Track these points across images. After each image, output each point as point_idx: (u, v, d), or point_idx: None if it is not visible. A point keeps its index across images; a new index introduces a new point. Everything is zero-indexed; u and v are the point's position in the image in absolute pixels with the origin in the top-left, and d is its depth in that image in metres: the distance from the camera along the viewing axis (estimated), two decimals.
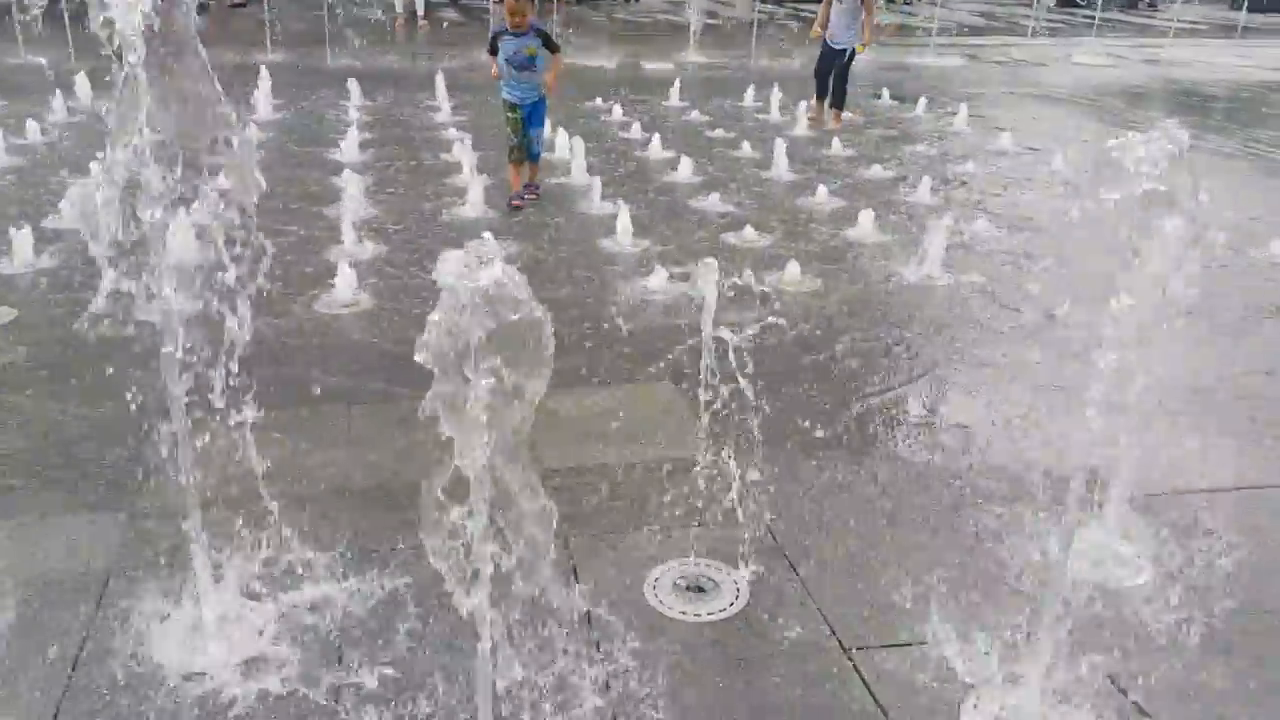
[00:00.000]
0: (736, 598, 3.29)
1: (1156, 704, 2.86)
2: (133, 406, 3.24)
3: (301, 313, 5.49)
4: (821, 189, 8.00)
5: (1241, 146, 10.91)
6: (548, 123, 7.60)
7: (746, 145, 9.57)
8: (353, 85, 11.21)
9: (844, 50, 10.45)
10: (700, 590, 3.32)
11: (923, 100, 11.81)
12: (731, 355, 5.10)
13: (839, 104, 10.71)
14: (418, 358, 2.02)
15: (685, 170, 8.53)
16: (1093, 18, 19.29)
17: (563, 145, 8.78)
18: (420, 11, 18.29)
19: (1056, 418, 4.47)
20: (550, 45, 7.27)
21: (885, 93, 12.36)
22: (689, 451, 4.20)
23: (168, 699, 2.79)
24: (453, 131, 9.68)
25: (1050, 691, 2.83)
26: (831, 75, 10.66)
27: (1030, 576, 3.35)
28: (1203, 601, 3.26)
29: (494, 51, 7.22)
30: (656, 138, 9.38)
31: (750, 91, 12.02)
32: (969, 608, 3.21)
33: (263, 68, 10.86)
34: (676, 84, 11.91)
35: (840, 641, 3.10)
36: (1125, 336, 2.52)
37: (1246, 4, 21.52)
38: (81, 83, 10.33)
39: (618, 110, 10.84)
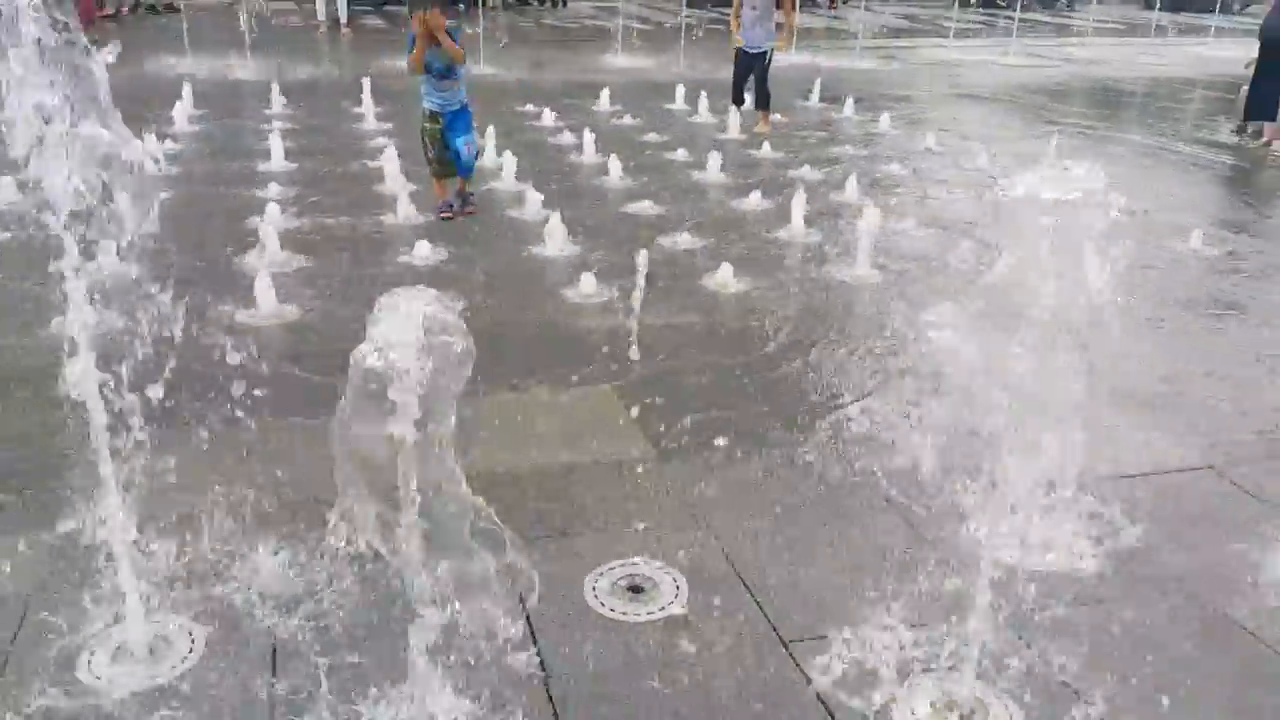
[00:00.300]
0: (676, 596, 3.29)
1: (1083, 684, 2.92)
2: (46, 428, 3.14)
3: (225, 326, 5.36)
4: (754, 191, 8.06)
5: (1155, 141, 11.25)
6: (475, 131, 7.44)
7: (679, 149, 9.62)
8: (275, 94, 11.03)
9: (761, 53, 10.52)
10: (639, 590, 3.31)
11: (850, 101, 11.97)
12: (665, 357, 5.16)
13: (764, 106, 10.79)
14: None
15: (616, 174, 8.53)
16: (1012, 18, 19.77)
17: (493, 151, 8.73)
18: (343, 19, 18.07)
19: (981, 413, 4.55)
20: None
21: (814, 95, 12.52)
22: (624, 453, 4.22)
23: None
24: (380, 139, 9.56)
25: (981, 674, 2.87)
26: (751, 79, 10.72)
27: (961, 565, 3.40)
28: (1119, 584, 3.35)
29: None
30: (588, 142, 9.37)
31: (680, 95, 12.08)
32: (904, 598, 3.25)
33: (184, 80, 10.64)
34: (606, 89, 11.92)
35: (780, 636, 3.11)
36: (1050, 331, 2.56)
37: (1159, 4, 22.23)
38: None
39: (549, 115, 10.82)
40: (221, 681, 2.85)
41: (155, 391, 2.80)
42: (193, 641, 2.99)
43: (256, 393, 3.61)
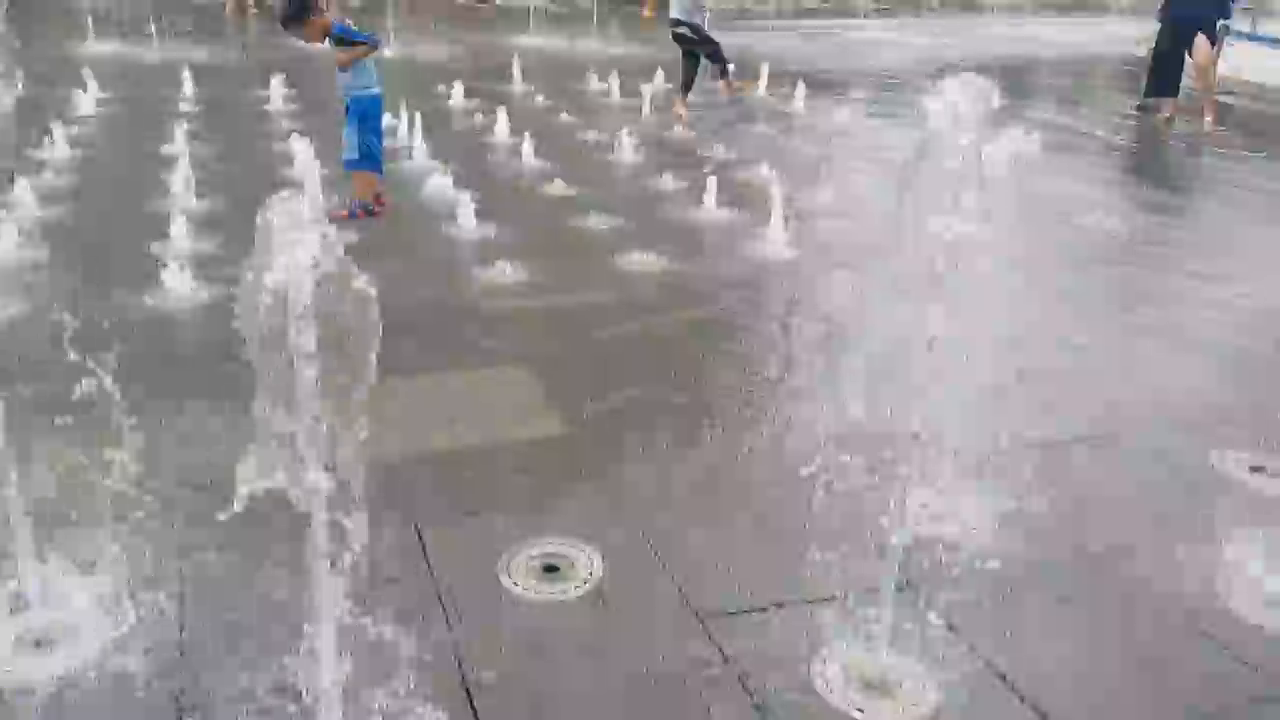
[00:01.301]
0: (590, 574, 3.30)
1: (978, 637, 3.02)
2: None
3: (130, 308, 5.21)
4: (667, 171, 8.09)
5: (1058, 117, 11.57)
6: (352, 128, 6.79)
7: (591, 130, 9.59)
8: (184, 75, 10.70)
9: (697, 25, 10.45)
10: (553, 570, 3.32)
11: (763, 81, 12.06)
12: (579, 336, 5.16)
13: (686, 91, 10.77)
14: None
15: (530, 154, 8.48)
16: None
17: (404, 131, 8.60)
18: (250, 0, 17.58)
19: (890, 379, 4.65)
20: (345, 43, 6.73)
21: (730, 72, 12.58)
22: (539, 433, 4.22)
23: None
24: (286, 122, 9.35)
25: (894, 642, 2.95)
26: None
27: (872, 536, 3.47)
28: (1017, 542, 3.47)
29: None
30: (501, 123, 9.29)
31: (593, 76, 12.04)
32: (820, 567, 3.30)
33: (85, 63, 10.26)
34: (517, 69, 11.82)
35: (695, 610, 3.15)
36: (956, 304, 2.63)
37: None
38: None
39: (459, 95, 10.69)
40: None
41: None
42: None
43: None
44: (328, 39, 6.67)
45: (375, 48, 6.74)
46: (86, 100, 9.75)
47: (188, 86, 10.60)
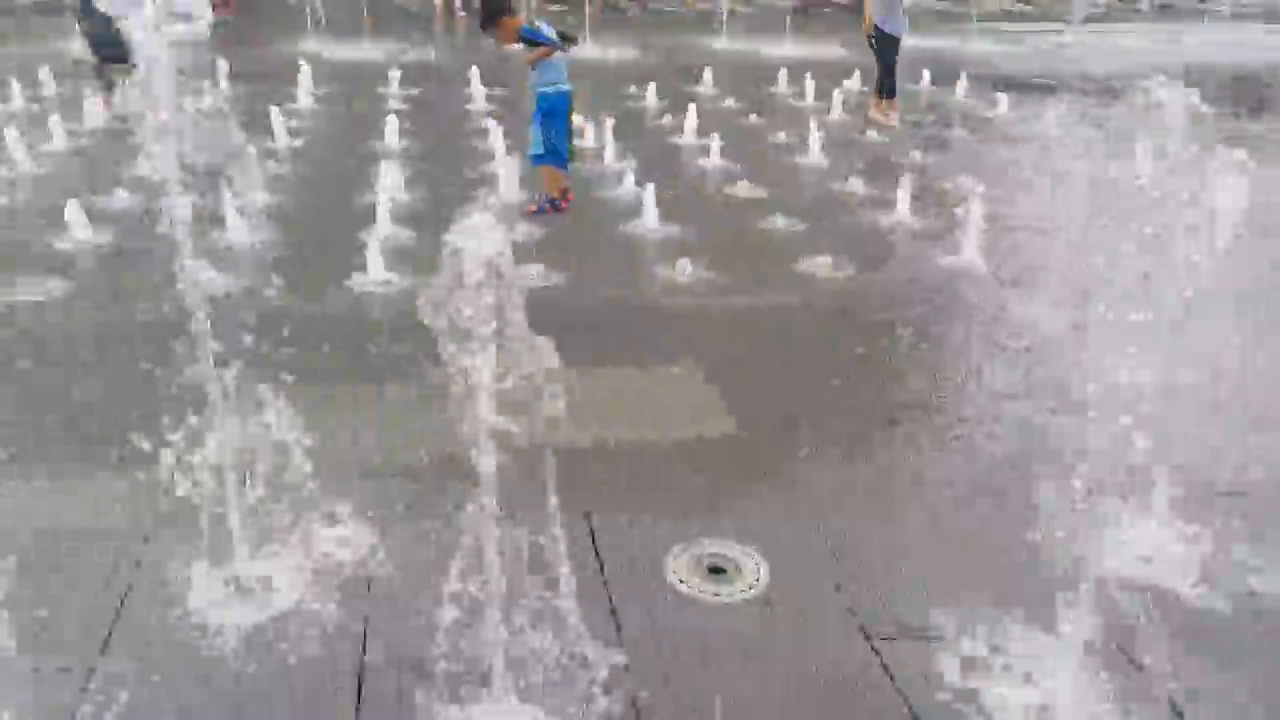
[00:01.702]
0: (757, 580, 3.27)
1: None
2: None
3: (334, 292, 5.53)
4: (857, 176, 7.93)
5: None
6: (537, 124, 6.94)
7: (780, 132, 9.52)
8: (393, 74, 11.29)
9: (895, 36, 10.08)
10: (719, 571, 3.30)
11: (963, 83, 11.63)
12: (756, 338, 5.13)
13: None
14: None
15: (716, 156, 8.49)
16: (1139, 10, 18.95)
17: (593, 130, 8.77)
18: (458, 3, 18.36)
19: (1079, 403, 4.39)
20: (532, 44, 6.92)
21: (925, 77, 12.19)
22: (710, 433, 4.21)
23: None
24: (486, 121, 9.71)
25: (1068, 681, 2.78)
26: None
27: (1065, 568, 3.28)
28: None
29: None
30: (689, 124, 9.34)
31: (783, 77, 11.94)
32: (998, 598, 3.15)
33: (302, 61, 10.98)
34: (709, 71, 11.86)
35: (861, 623, 3.07)
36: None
37: None
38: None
39: (650, 96, 10.83)
40: None
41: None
42: None
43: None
44: (519, 40, 6.91)
45: (557, 48, 6.90)
46: (305, 96, 10.42)
47: (396, 85, 11.16)
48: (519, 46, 7.07)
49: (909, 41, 10.54)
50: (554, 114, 6.94)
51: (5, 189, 7.27)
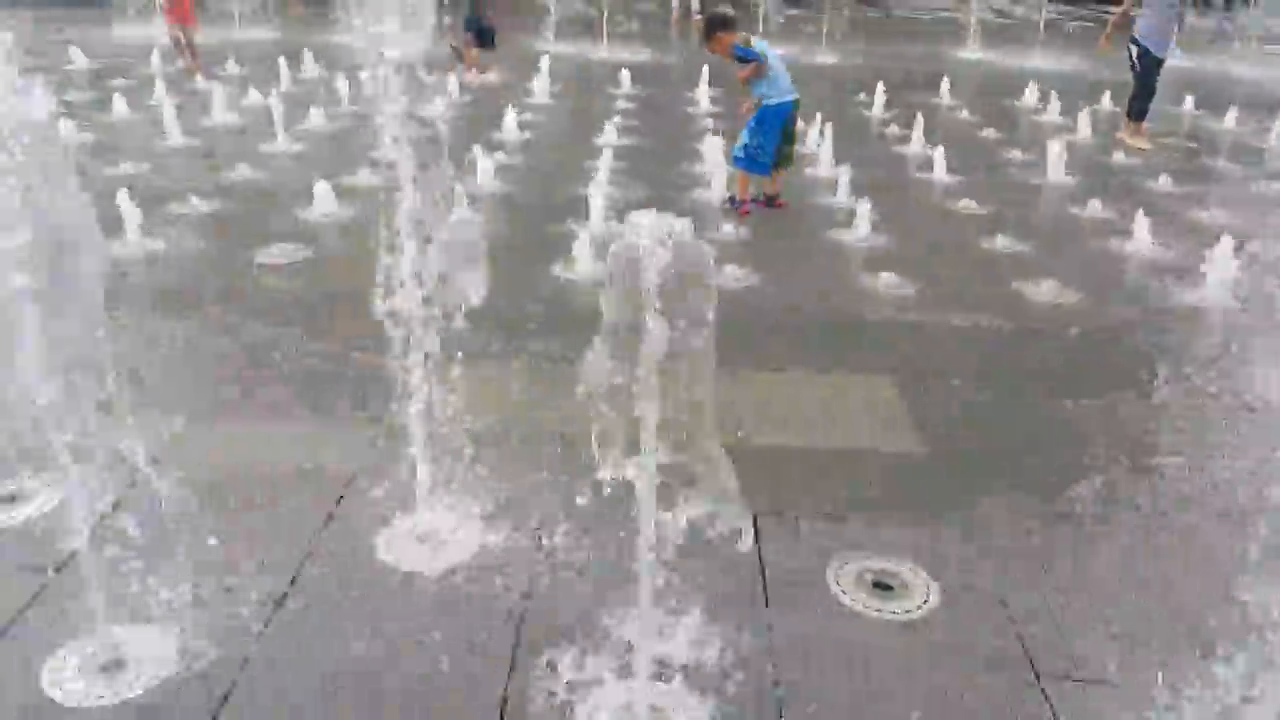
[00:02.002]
0: (926, 600, 3.11)
1: None
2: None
3: (541, 281, 5.72)
4: (1095, 198, 7.43)
5: None
6: (749, 128, 7.02)
7: (1016, 149, 9.06)
8: (623, 74, 11.58)
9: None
10: (885, 587, 3.17)
11: (1232, 111, 10.67)
12: (958, 357, 4.89)
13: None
14: None
15: (941, 168, 8.18)
16: None
17: (814, 136, 8.65)
18: (695, 7, 18.60)
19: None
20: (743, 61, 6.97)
21: (1188, 100, 11.28)
22: (896, 447, 4.05)
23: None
24: (707, 122, 9.77)
25: None
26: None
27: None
28: None
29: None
30: (917, 135, 9.05)
31: (1030, 92, 11.35)
32: (1187, 648, 2.86)
33: (543, 58, 11.45)
34: (946, 81, 11.44)
35: (1032, 663, 2.86)
36: None
37: None
38: None
39: (878, 105, 10.57)
40: None
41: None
42: None
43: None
44: (733, 58, 7.00)
45: (759, 65, 6.86)
46: (540, 92, 10.84)
47: (625, 84, 11.42)
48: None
49: (1173, 62, 9.78)
50: (766, 122, 6.91)
51: (268, 165, 7.97)
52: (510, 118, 9.16)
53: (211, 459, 3.75)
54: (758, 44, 7.04)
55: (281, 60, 11.06)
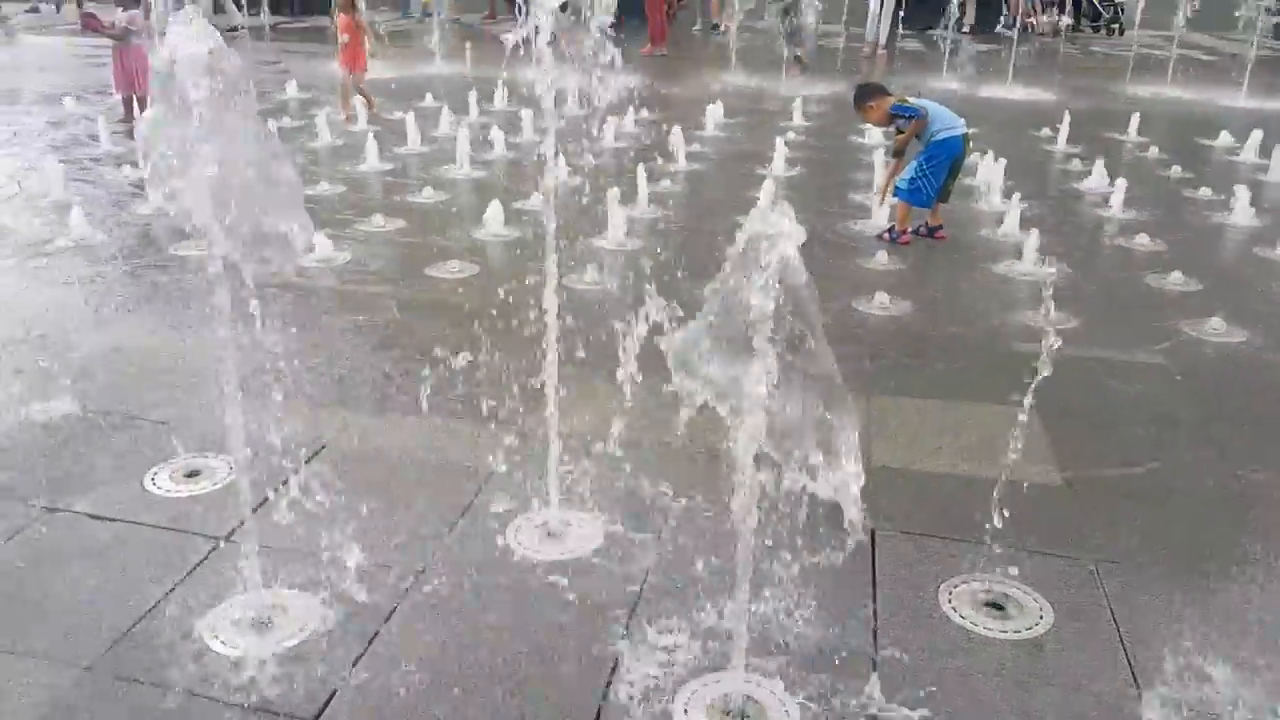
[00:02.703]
0: (1039, 622, 3.08)
1: None
2: None
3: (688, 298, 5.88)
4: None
5: None
6: (917, 161, 7.00)
7: (1204, 188, 8.63)
8: (795, 106, 11.69)
9: None
10: (999, 608, 3.15)
11: None
12: (1109, 394, 4.74)
13: None
14: None
15: (1119, 204, 7.89)
16: None
17: (986, 168, 8.50)
18: (881, 42, 18.47)
19: None
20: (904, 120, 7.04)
21: None
22: (1028, 475, 3.99)
23: None
24: (877, 154, 9.75)
25: None
26: None
27: None
28: None
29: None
30: (1098, 170, 8.75)
31: (1226, 131, 10.76)
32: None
33: (718, 90, 11.70)
34: (1136, 118, 10.97)
35: (1142, 695, 2.79)
36: None
37: None
38: None
39: (1061, 140, 10.28)
40: None
41: None
42: None
43: None
44: (891, 122, 7.10)
45: (920, 120, 6.88)
46: (712, 121, 11.07)
47: (797, 117, 11.51)
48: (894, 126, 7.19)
49: None
50: (936, 157, 6.90)
51: (450, 189, 8.52)
52: (679, 145, 9.37)
53: (370, 447, 4.10)
54: (912, 100, 7.08)
55: (473, 92, 11.74)
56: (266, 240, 2.70)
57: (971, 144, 7.46)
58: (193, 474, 3.83)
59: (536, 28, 3.02)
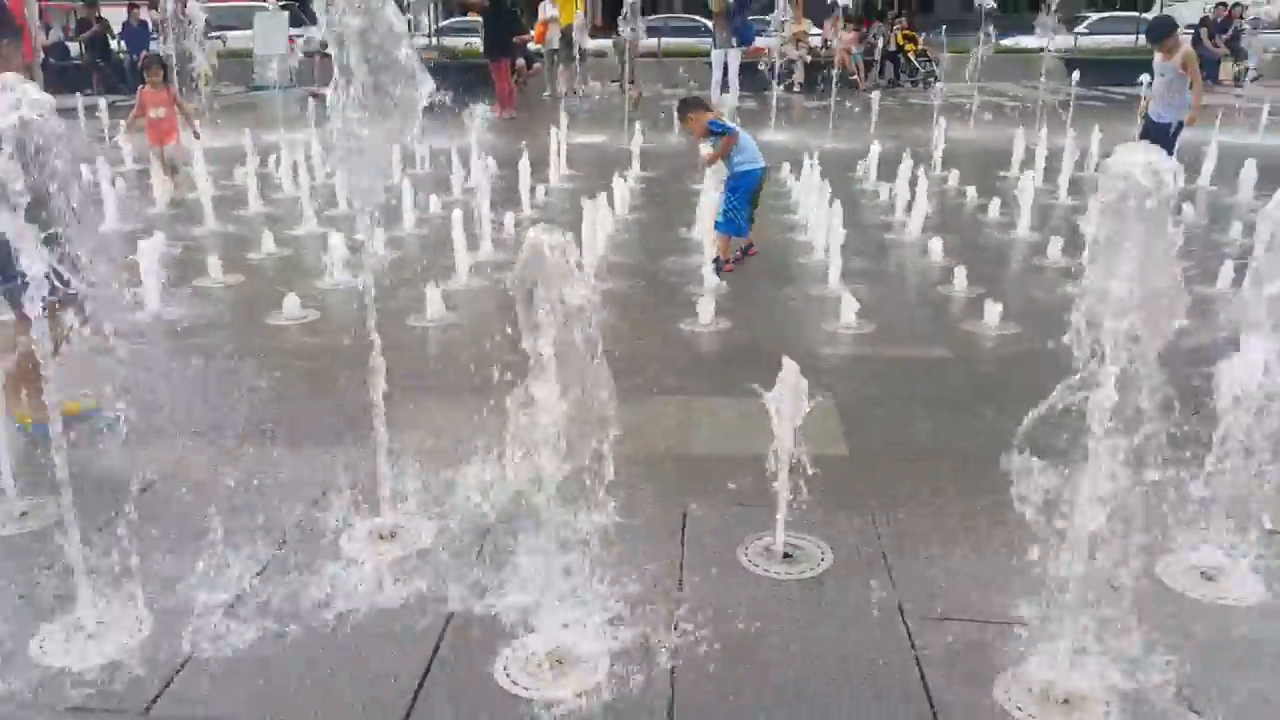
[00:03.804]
0: (820, 563, 3.59)
1: None
2: None
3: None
4: (1054, 245, 7.93)
5: None
6: (725, 195, 7.63)
7: (994, 211, 9.59)
8: (635, 156, 12.32)
9: (1166, 125, 9.89)
10: (788, 557, 3.65)
11: (1249, 184, 10.54)
12: (898, 383, 5.36)
13: None
14: None
15: (916, 228, 8.78)
16: None
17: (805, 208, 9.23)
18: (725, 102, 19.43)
19: None
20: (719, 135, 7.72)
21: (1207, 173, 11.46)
22: (822, 453, 4.49)
23: None
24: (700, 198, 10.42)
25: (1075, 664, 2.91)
26: None
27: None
28: None
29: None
30: (901, 199, 9.56)
31: (1017, 163, 11.92)
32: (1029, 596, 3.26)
33: (555, 145, 12.22)
34: (939, 153, 12.02)
35: (903, 611, 3.31)
36: None
37: None
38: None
39: (872, 176, 11.22)
40: None
41: None
42: None
43: None
44: (707, 134, 7.79)
45: (731, 137, 7.64)
46: (555, 176, 11.57)
47: (635, 167, 12.13)
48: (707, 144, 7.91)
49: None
50: (739, 189, 7.65)
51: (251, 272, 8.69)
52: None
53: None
54: (728, 121, 7.82)
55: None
56: None
57: (769, 178, 8.20)
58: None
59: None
